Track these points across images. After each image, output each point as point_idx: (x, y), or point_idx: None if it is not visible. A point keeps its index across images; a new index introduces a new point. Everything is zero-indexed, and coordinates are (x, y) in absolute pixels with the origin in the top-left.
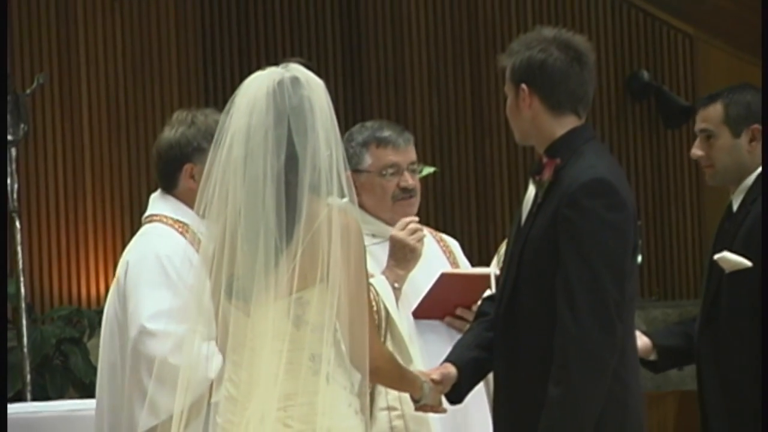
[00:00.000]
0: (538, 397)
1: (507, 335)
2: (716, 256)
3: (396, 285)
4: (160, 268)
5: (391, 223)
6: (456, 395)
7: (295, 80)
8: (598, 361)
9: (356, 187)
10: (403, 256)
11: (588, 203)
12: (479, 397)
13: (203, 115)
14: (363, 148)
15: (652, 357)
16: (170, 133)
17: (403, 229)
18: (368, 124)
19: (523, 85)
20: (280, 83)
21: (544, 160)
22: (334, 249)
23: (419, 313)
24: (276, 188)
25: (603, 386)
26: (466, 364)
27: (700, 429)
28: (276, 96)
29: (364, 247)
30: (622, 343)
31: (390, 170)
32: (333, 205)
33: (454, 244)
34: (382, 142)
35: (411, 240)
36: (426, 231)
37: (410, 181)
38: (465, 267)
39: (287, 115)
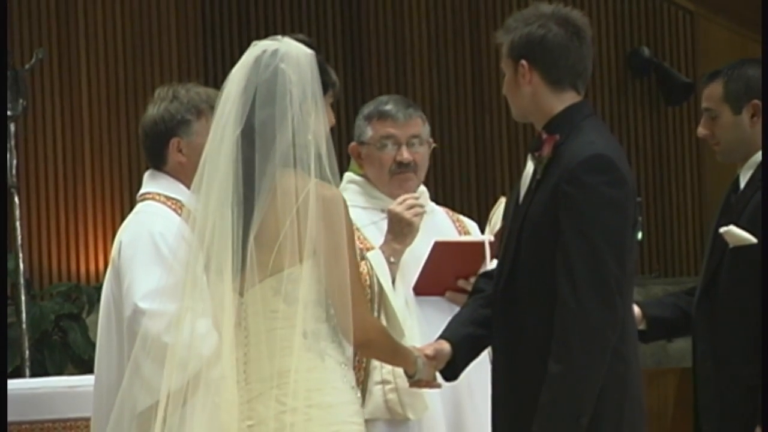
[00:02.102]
0: (537, 373)
1: (506, 311)
2: (722, 230)
3: (392, 259)
4: (153, 247)
5: (391, 197)
6: (451, 372)
7: (275, 52)
8: (598, 338)
9: (362, 159)
10: (399, 230)
11: (588, 179)
12: (483, 371)
13: (185, 89)
14: (366, 121)
15: (642, 327)
16: (153, 110)
17: (401, 204)
18: (379, 98)
19: (523, 61)
20: (260, 56)
21: (544, 136)
22: (321, 223)
23: (419, 289)
24: (233, 159)
25: (603, 363)
26: (460, 341)
27: (693, 401)
28: (251, 68)
29: (350, 218)
30: (622, 320)
31: (386, 142)
32: (316, 179)
33: (472, 226)
34: (382, 116)
35: (408, 214)
36: (442, 210)
37: (405, 154)
38: (475, 234)
39: (255, 87)
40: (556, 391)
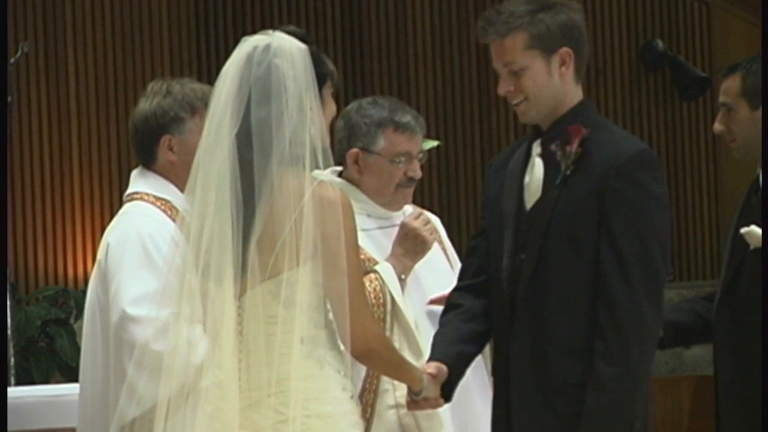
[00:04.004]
0: (568, 376)
1: (532, 313)
2: (743, 230)
3: (402, 276)
4: (142, 249)
5: (385, 208)
6: (446, 393)
7: (266, 47)
8: (653, 338)
9: (361, 167)
10: (413, 246)
11: (639, 175)
12: (483, 387)
13: (179, 84)
14: (378, 128)
15: None
16: (145, 104)
17: (416, 219)
18: (382, 101)
19: (568, 49)
20: (252, 52)
21: (583, 129)
22: (319, 225)
23: (438, 300)
24: (230, 161)
25: (652, 364)
26: (453, 360)
27: (714, 408)
28: (244, 65)
29: (354, 222)
30: None
31: (402, 158)
32: (318, 179)
33: (437, 221)
34: (399, 128)
35: (425, 231)
36: (409, 207)
37: (419, 171)
38: (447, 244)
39: (249, 86)
40: (612, 394)
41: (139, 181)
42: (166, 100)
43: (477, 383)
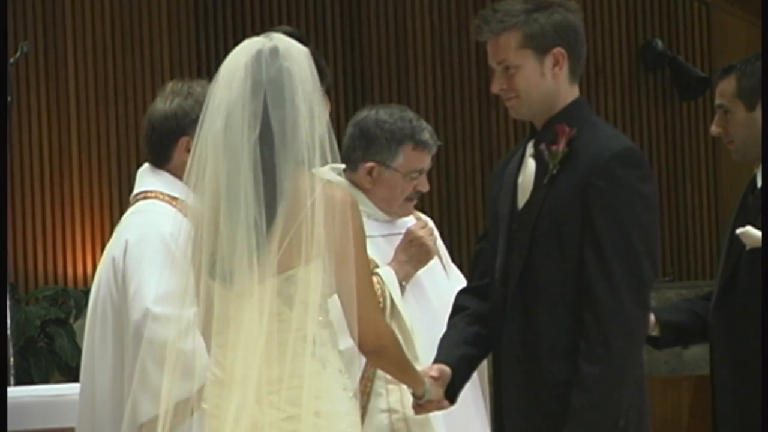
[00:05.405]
0: (557, 375)
1: (521, 312)
2: (738, 231)
3: (404, 283)
4: (164, 248)
5: (388, 215)
6: (451, 395)
7: (274, 50)
8: (636, 337)
9: (374, 178)
10: (417, 254)
11: (622, 173)
12: (475, 393)
13: (200, 86)
14: (399, 145)
15: (655, 333)
16: (165, 104)
17: (423, 228)
18: (399, 113)
19: (561, 50)
20: (258, 54)
21: (566, 129)
22: (328, 225)
23: None
24: (252, 163)
25: (639, 364)
26: (458, 363)
27: (711, 409)
28: (253, 67)
29: (361, 221)
30: None
31: (417, 174)
32: (325, 180)
33: (431, 222)
34: (419, 145)
35: (430, 240)
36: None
37: (427, 185)
38: (441, 248)
39: (264, 88)
40: (594, 393)
41: (151, 179)
42: (188, 101)
43: (472, 392)
